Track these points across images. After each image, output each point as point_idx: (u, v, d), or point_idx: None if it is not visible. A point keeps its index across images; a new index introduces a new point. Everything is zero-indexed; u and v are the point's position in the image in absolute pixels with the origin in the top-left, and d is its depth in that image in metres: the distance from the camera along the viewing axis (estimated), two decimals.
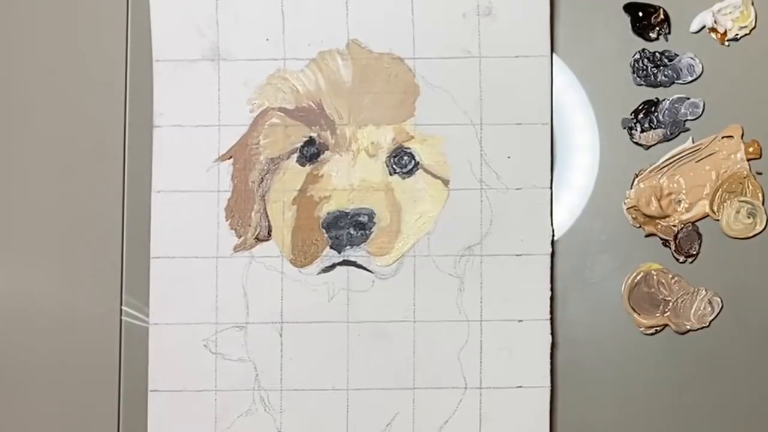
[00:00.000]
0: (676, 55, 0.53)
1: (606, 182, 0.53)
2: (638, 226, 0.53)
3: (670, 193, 0.53)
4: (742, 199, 0.52)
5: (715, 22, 0.52)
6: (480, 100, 0.53)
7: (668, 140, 0.53)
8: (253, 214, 0.53)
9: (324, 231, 0.53)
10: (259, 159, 0.53)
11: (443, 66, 0.53)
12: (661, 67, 0.53)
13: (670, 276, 0.52)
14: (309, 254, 0.53)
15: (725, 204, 0.52)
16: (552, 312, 0.52)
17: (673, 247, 0.53)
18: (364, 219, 0.53)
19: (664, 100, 0.53)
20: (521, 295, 0.52)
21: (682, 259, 0.53)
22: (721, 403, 0.52)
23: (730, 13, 0.53)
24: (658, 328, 0.52)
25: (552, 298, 0.52)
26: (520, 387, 0.52)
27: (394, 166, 0.53)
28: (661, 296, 0.52)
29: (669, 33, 0.53)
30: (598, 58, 0.54)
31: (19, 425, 0.53)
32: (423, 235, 0.53)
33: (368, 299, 0.53)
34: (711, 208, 0.52)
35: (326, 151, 0.53)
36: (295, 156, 0.53)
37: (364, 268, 0.53)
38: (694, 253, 0.53)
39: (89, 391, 0.53)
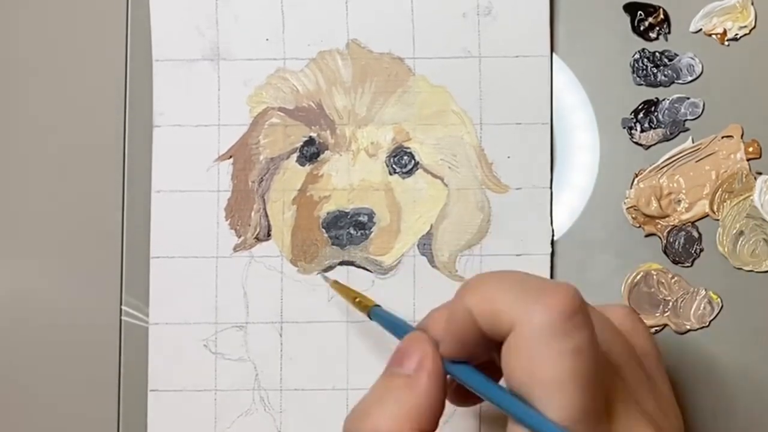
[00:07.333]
0: (676, 55, 0.53)
1: (606, 182, 0.53)
2: (638, 226, 0.53)
3: (669, 193, 0.53)
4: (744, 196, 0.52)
5: (707, 24, 0.52)
6: (480, 99, 0.53)
7: (668, 140, 0.53)
8: (252, 213, 0.53)
9: (324, 231, 0.53)
10: (259, 159, 0.53)
11: (443, 66, 0.53)
12: (661, 67, 0.53)
13: (670, 276, 0.52)
14: (309, 254, 0.53)
15: (725, 204, 0.52)
16: None
17: None
18: (363, 219, 0.53)
19: (663, 100, 0.53)
20: None
21: None
22: (721, 403, 0.52)
23: (729, 14, 0.53)
24: (658, 328, 0.52)
25: None
26: None
27: (393, 166, 0.53)
28: (660, 296, 0.52)
29: (669, 33, 0.53)
30: (598, 58, 0.54)
31: (19, 425, 0.53)
32: (423, 234, 0.53)
33: None
34: (711, 208, 0.52)
35: (326, 151, 0.53)
36: (295, 156, 0.53)
37: (364, 268, 0.53)
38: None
39: (89, 390, 0.53)
